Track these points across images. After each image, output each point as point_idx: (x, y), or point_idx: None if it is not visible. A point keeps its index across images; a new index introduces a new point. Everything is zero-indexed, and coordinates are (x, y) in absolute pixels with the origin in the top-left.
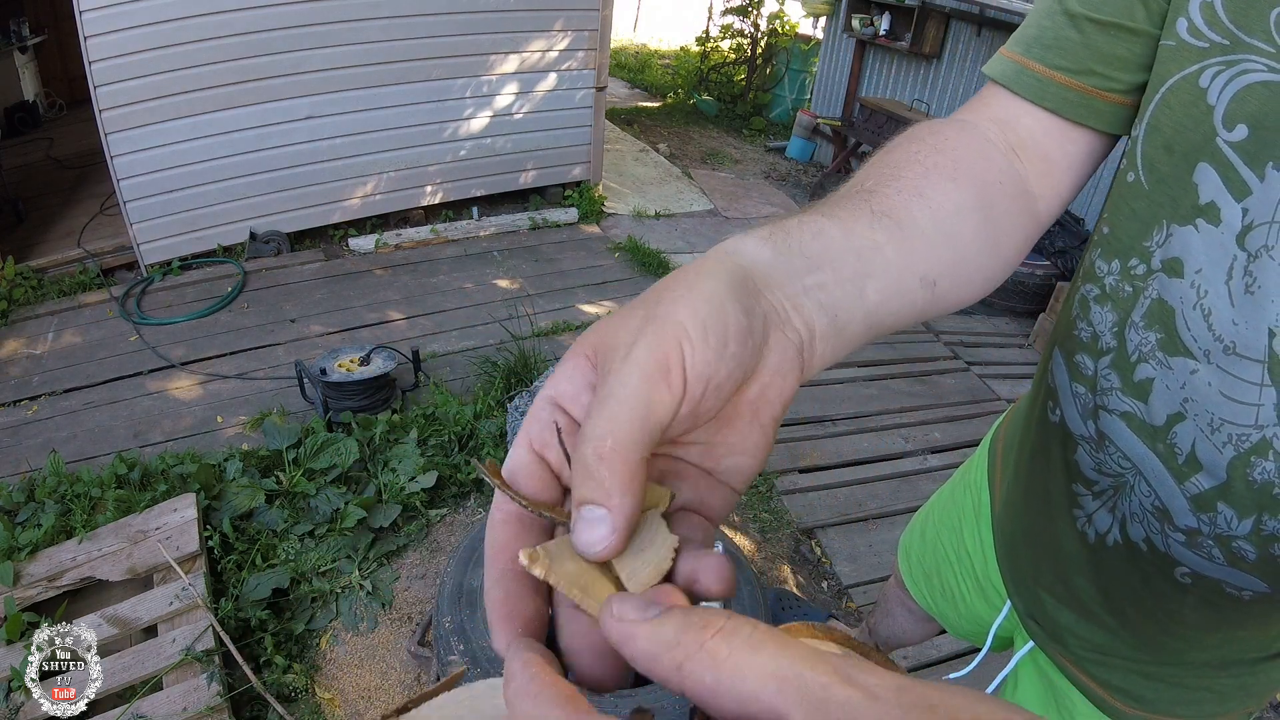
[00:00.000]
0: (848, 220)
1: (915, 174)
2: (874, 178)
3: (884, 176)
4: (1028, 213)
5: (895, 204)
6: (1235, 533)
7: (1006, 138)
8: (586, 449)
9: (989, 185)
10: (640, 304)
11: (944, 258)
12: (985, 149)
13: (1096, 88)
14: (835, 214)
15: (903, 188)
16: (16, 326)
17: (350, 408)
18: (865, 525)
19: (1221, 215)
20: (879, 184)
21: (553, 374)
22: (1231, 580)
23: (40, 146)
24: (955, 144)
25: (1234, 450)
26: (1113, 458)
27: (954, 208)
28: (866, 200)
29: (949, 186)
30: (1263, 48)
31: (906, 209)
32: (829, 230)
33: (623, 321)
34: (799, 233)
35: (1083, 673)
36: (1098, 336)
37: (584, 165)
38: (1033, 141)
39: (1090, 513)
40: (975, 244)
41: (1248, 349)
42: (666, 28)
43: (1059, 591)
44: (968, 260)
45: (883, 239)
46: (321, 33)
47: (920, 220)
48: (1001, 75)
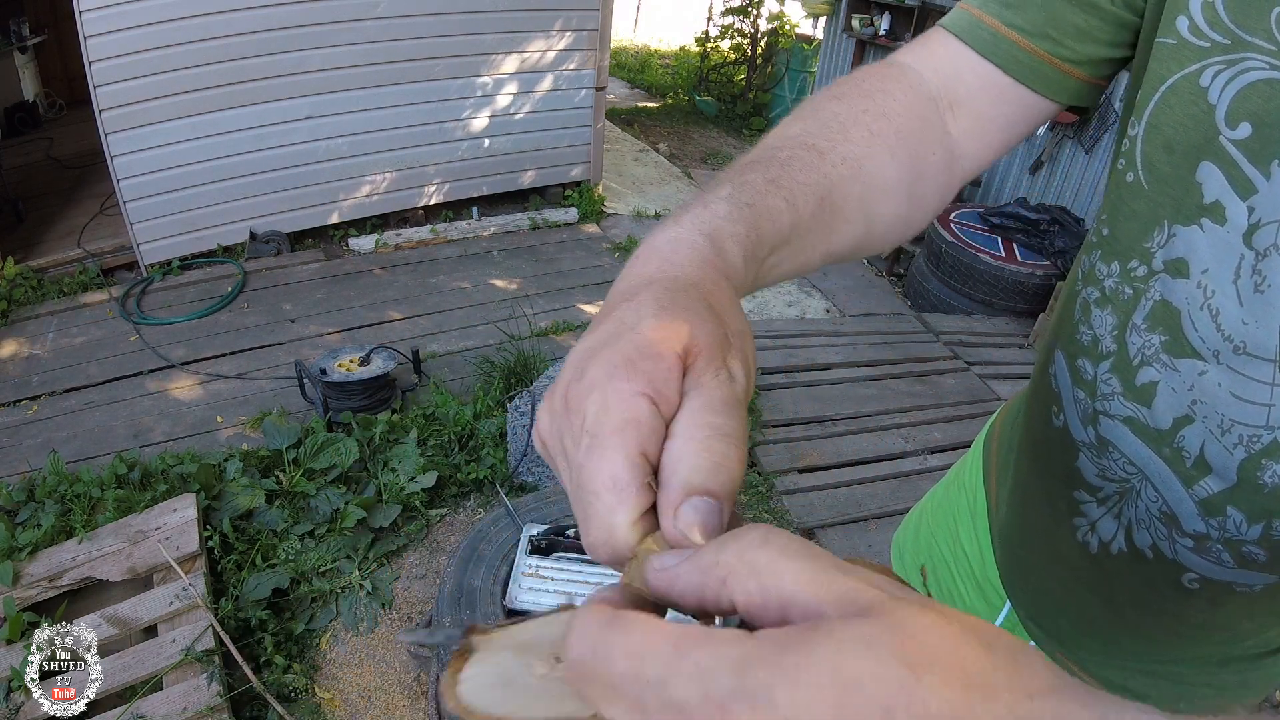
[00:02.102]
0: (802, 207)
1: (860, 140)
2: (821, 130)
3: (831, 132)
4: (949, 177)
5: (837, 179)
6: (1245, 537)
7: (948, 93)
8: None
9: (923, 159)
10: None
11: (858, 235)
12: (927, 115)
13: (1048, 52)
14: (796, 202)
15: (847, 156)
16: (16, 326)
17: (350, 408)
18: (865, 525)
19: (1227, 214)
20: (829, 143)
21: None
22: (1242, 580)
23: (40, 146)
24: (901, 110)
25: (1245, 452)
26: (1117, 463)
27: (884, 185)
28: (818, 164)
29: (886, 162)
30: (1264, 46)
31: (844, 191)
32: (787, 231)
33: (707, 327)
34: (768, 232)
35: (1084, 672)
36: (1098, 340)
37: (584, 165)
38: (970, 97)
39: (1094, 520)
40: (890, 221)
41: (1258, 348)
42: (666, 28)
43: (1060, 596)
44: (876, 237)
45: (816, 226)
46: (321, 33)
47: (852, 204)
48: (956, 25)
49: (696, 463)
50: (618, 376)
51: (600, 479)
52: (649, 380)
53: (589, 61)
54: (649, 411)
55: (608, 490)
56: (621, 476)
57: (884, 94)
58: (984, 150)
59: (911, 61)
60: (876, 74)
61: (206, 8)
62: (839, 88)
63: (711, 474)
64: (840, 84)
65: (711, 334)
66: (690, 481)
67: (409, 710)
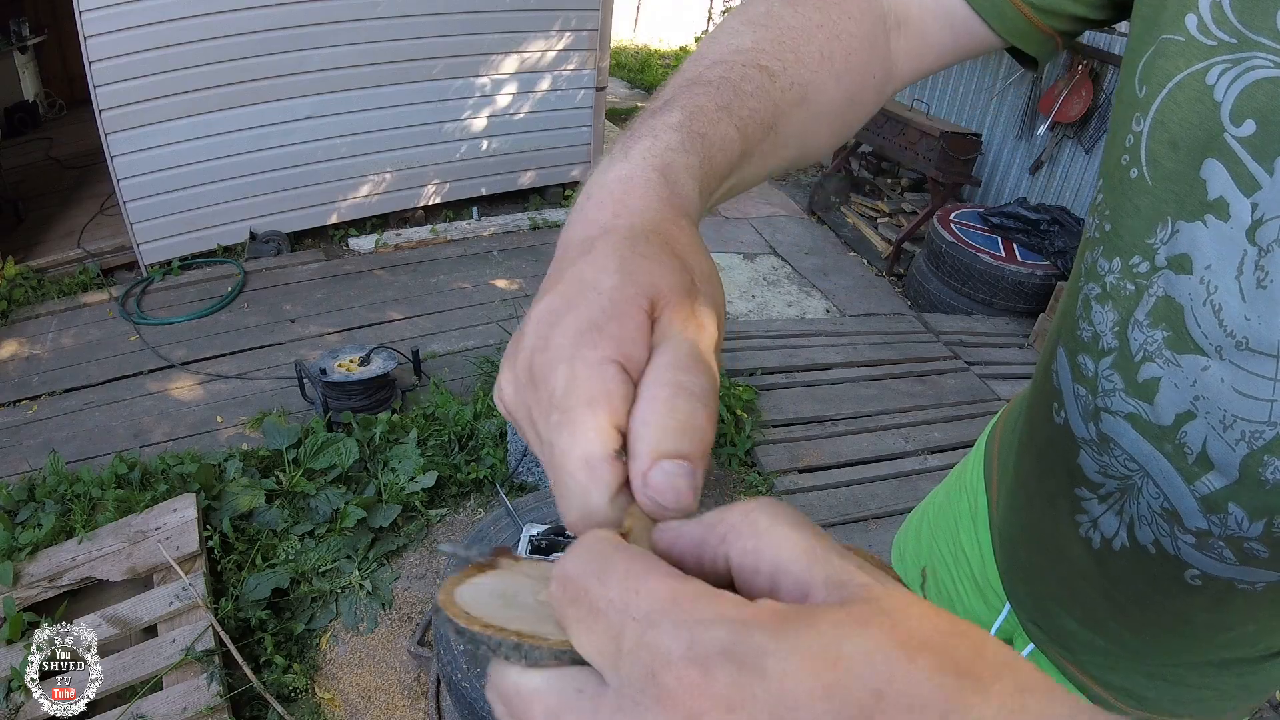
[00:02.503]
0: (751, 136)
1: (810, 61)
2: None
3: (784, 50)
4: (879, 97)
5: (785, 108)
6: (1247, 534)
7: (898, 7)
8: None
9: (864, 84)
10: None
11: (789, 157)
12: (875, 36)
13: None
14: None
15: (795, 81)
16: (16, 326)
17: (350, 408)
18: (865, 525)
19: (1231, 210)
20: (781, 64)
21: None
22: (1244, 577)
23: (40, 146)
24: (854, 30)
25: (1247, 448)
26: (1118, 460)
27: (824, 112)
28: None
29: (830, 87)
30: (1270, 45)
31: (790, 116)
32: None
33: (671, 276)
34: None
35: (1084, 674)
36: (1099, 336)
37: (584, 165)
38: (920, 17)
39: (1095, 517)
40: (823, 141)
41: (1261, 344)
42: (666, 28)
43: (1062, 595)
44: (808, 155)
45: (761, 153)
46: (321, 33)
47: (794, 130)
48: None
49: (663, 424)
50: (584, 344)
51: (572, 458)
52: (616, 344)
53: (589, 62)
54: (618, 380)
55: (581, 470)
56: (594, 454)
57: (838, 8)
58: (916, 72)
59: None
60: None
61: (206, 8)
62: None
63: (679, 435)
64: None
65: (677, 283)
66: (658, 446)
67: (409, 710)
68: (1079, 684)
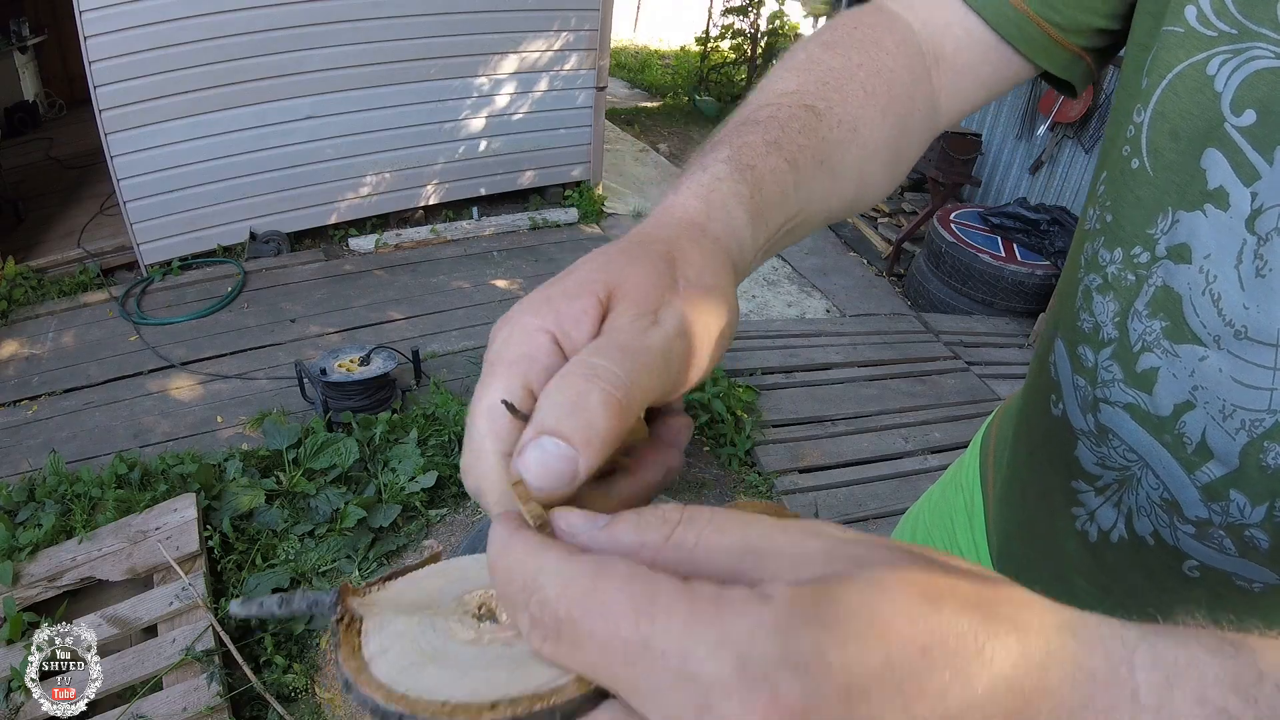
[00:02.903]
0: (805, 169)
1: (855, 98)
2: (818, 89)
3: (829, 90)
4: (928, 134)
5: (835, 142)
6: (1248, 520)
7: (934, 47)
8: (595, 385)
9: (910, 117)
10: (657, 257)
11: (853, 196)
12: (916, 71)
13: (1037, 14)
14: (798, 162)
15: (844, 118)
16: (16, 326)
17: (350, 408)
18: (865, 525)
19: (1230, 200)
20: (826, 104)
21: (549, 299)
22: (1242, 572)
23: (40, 146)
24: (894, 66)
25: (1247, 436)
26: (1117, 451)
27: (875, 146)
28: (816, 126)
29: (878, 121)
30: (1270, 35)
31: (842, 152)
32: (789, 189)
33: (642, 271)
34: (772, 191)
35: None
36: (1099, 327)
37: (584, 165)
38: (955, 51)
39: (1092, 509)
40: (880, 175)
41: (1259, 333)
42: (666, 28)
43: (1056, 590)
44: (867, 191)
45: (818, 187)
46: (321, 33)
47: (848, 165)
48: None
49: (554, 400)
50: (528, 312)
51: (479, 405)
52: (556, 318)
53: (589, 61)
54: (546, 348)
55: (483, 417)
56: (497, 406)
57: (877, 46)
58: (961, 106)
59: (901, 10)
60: (868, 21)
61: (206, 8)
62: (831, 34)
63: (565, 414)
64: (832, 30)
65: (645, 280)
66: (543, 421)
67: None
68: None
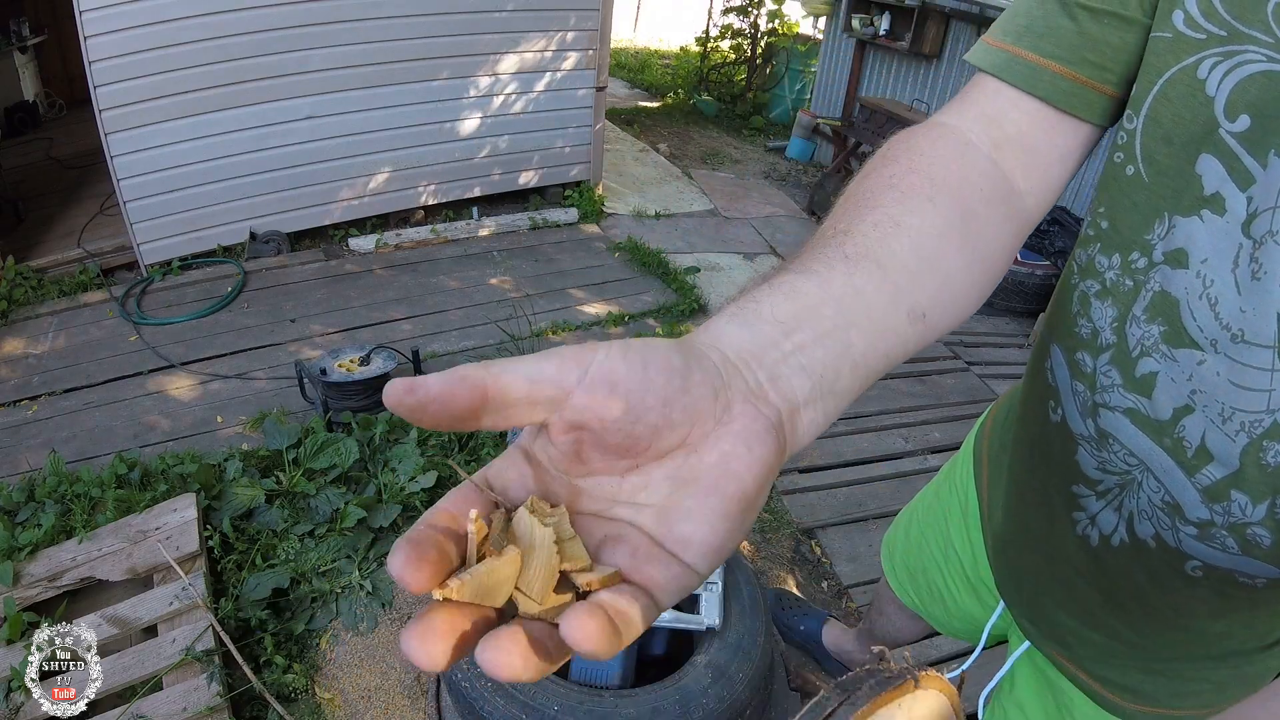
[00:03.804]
0: (823, 272)
1: (891, 201)
2: (848, 215)
3: (859, 211)
4: (1014, 212)
5: (872, 241)
6: (1250, 519)
7: (991, 135)
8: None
9: (968, 196)
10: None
11: (930, 285)
12: (963, 154)
13: (1089, 78)
14: (809, 267)
15: (879, 220)
16: (16, 326)
17: (350, 408)
18: (865, 525)
19: (1227, 205)
20: (852, 222)
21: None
22: (1244, 569)
23: (40, 146)
24: (930, 158)
25: (1247, 437)
26: (1117, 455)
27: (935, 231)
28: (840, 245)
29: (927, 209)
30: (1261, 38)
31: (884, 245)
32: (802, 287)
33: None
34: (770, 299)
35: (1080, 670)
36: (1097, 332)
37: (584, 165)
38: (1019, 135)
39: (1093, 514)
40: (960, 261)
41: (1256, 335)
42: (666, 28)
43: (1058, 593)
44: (955, 281)
45: (862, 282)
46: (321, 33)
47: (901, 254)
48: (991, 65)
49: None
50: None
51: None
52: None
53: (589, 61)
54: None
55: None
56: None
57: (910, 152)
58: (1044, 184)
59: (948, 119)
60: (903, 139)
61: (206, 8)
62: (867, 165)
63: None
64: (869, 162)
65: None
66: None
67: (409, 710)
68: (1076, 680)
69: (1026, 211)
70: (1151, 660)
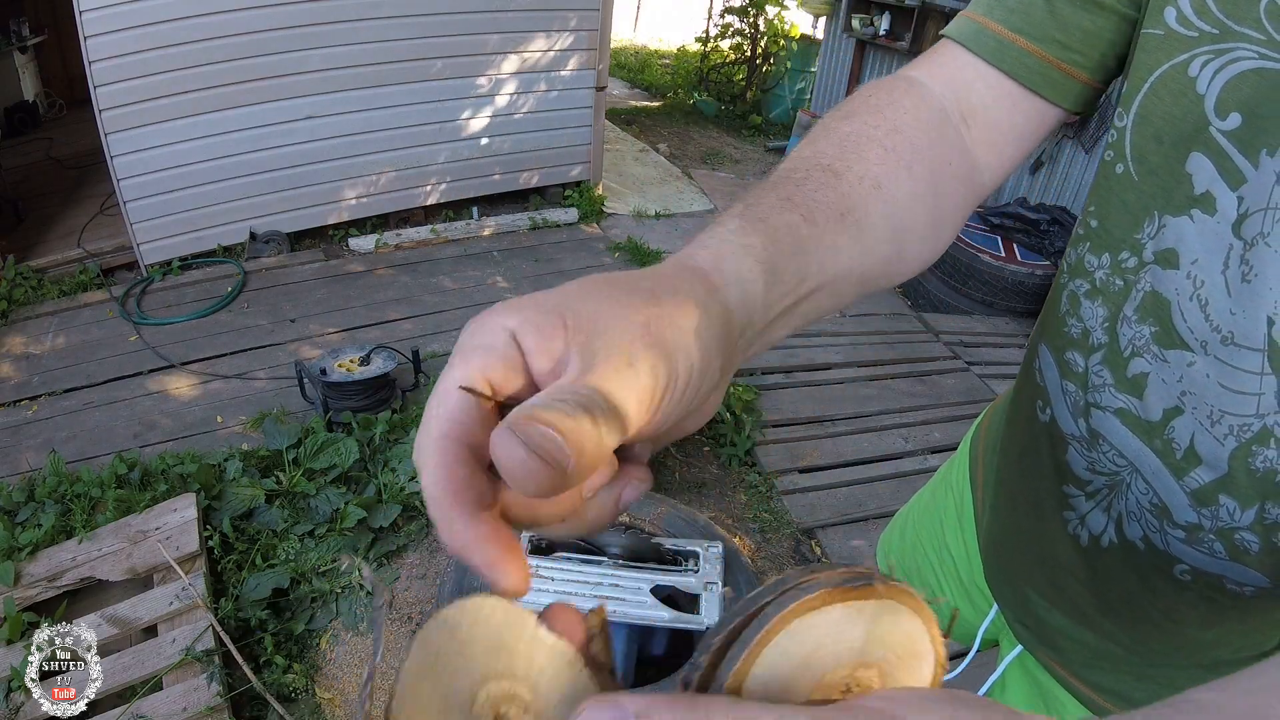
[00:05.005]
0: (823, 222)
1: (875, 158)
2: (835, 151)
3: (846, 152)
4: (971, 188)
5: (858, 198)
6: (1238, 524)
7: (958, 103)
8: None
9: (940, 172)
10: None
11: (888, 255)
12: (941, 125)
13: (1056, 58)
14: (815, 217)
15: (864, 175)
16: (16, 326)
17: (350, 408)
18: (865, 525)
19: (1217, 205)
20: (844, 164)
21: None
22: (1232, 575)
23: (40, 146)
24: (912, 122)
25: (1235, 441)
26: (1107, 456)
27: (907, 200)
28: (835, 184)
29: (904, 176)
30: (1253, 35)
31: (866, 207)
32: (808, 242)
33: (614, 308)
34: (786, 242)
35: (1072, 675)
36: (1088, 332)
37: (584, 165)
38: (983, 108)
39: (1083, 514)
40: (920, 233)
41: (1246, 338)
42: (666, 28)
43: (1049, 595)
44: (909, 252)
45: (844, 242)
46: (321, 33)
47: (876, 220)
48: (960, 34)
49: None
50: (497, 312)
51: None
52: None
53: (589, 61)
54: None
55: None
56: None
57: (893, 107)
58: (1001, 161)
59: (920, 75)
60: (884, 89)
61: (206, 8)
62: (848, 106)
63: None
64: (848, 103)
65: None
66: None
67: None
68: (1067, 685)
69: (983, 187)
70: (1144, 666)
